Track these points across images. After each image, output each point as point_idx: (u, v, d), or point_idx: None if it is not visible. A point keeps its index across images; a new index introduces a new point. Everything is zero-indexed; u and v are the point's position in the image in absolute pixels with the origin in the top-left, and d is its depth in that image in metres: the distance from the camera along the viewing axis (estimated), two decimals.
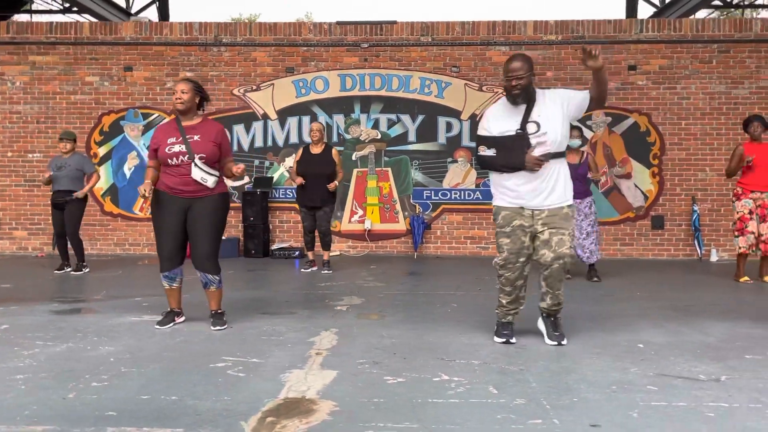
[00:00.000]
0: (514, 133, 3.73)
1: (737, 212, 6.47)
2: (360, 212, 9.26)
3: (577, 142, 6.55)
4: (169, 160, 4.03)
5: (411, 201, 9.19)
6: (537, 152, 3.70)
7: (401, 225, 9.23)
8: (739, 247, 6.44)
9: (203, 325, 4.23)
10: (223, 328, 4.15)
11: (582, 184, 6.49)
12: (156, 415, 2.61)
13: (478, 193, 9.07)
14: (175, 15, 27.27)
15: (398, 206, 9.24)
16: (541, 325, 3.94)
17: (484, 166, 3.97)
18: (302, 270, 7.24)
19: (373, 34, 9.16)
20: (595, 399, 2.84)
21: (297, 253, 8.71)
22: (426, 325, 4.35)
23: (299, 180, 6.94)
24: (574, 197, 6.39)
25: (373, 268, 7.70)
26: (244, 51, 9.21)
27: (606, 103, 4.88)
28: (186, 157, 4.00)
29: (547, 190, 3.75)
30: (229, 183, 8.90)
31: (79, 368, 3.25)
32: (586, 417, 2.61)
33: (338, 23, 9.23)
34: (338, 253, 9.16)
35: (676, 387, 3.00)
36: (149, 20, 9.62)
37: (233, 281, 6.49)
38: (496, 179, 3.88)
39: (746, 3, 13.78)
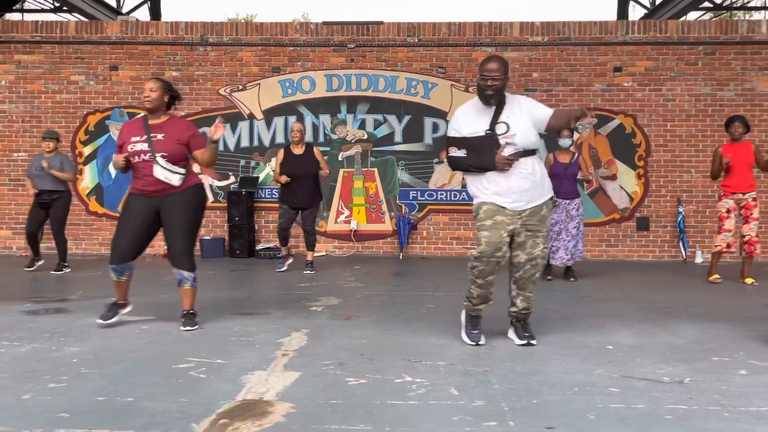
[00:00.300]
0: (483, 133, 3.73)
1: (717, 210, 6.56)
2: (346, 212, 9.25)
3: (568, 141, 6.56)
4: (132, 158, 4.03)
5: (397, 201, 9.18)
6: (506, 152, 3.69)
7: (387, 225, 9.21)
8: (715, 245, 6.50)
9: (173, 326, 4.21)
10: (193, 328, 4.13)
11: (572, 184, 6.47)
12: (109, 416, 2.59)
13: (464, 193, 9.05)
14: (169, 14, 27.21)
15: (384, 206, 9.23)
16: (511, 333, 3.92)
17: (455, 167, 3.99)
18: (278, 270, 7.16)
19: (359, 34, 9.14)
20: (555, 401, 2.83)
21: (280, 253, 8.68)
22: (399, 326, 4.34)
23: (284, 178, 6.89)
24: (564, 197, 6.43)
25: (357, 268, 7.68)
26: (230, 51, 9.19)
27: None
28: (148, 156, 3.98)
29: (521, 192, 3.73)
30: (215, 182, 8.91)
31: (41, 369, 3.23)
32: (542, 419, 2.60)
33: (324, 23, 9.22)
34: (324, 253, 9.15)
35: (638, 389, 2.99)
36: (136, 19, 9.59)
37: (213, 282, 6.48)
38: (473, 181, 3.85)
39: (736, 5, 13.81)
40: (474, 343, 3.78)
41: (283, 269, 7.17)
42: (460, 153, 3.80)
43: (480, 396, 2.88)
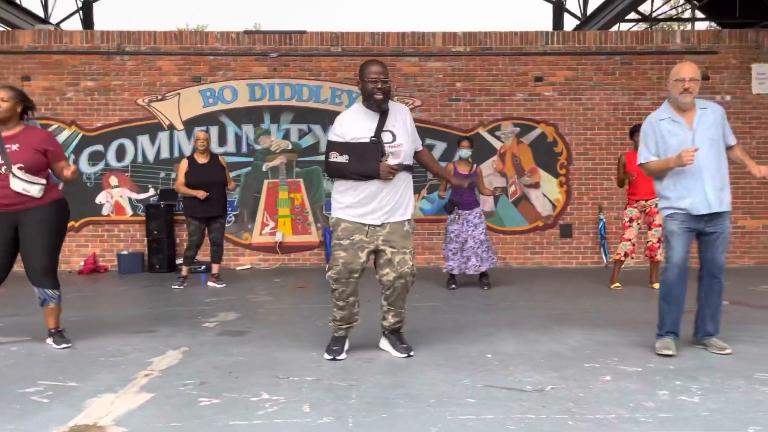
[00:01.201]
0: (368, 140, 3.63)
1: (623, 219, 6.68)
2: (271, 224, 9.10)
3: (467, 152, 6.57)
4: None
5: (324, 212, 9.07)
6: (390, 162, 3.63)
7: (314, 236, 9.10)
8: (616, 254, 6.67)
9: (44, 347, 4.00)
10: (68, 345, 3.95)
11: (471, 195, 6.51)
12: None
13: None
14: (110, 25, 26.63)
15: (311, 217, 9.12)
16: (385, 344, 3.86)
17: (334, 173, 3.73)
18: (175, 287, 6.81)
19: (282, 43, 9.05)
20: (405, 414, 2.76)
21: (203, 267, 8.48)
22: (284, 340, 4.22)
23: (202, 193, 6.65)
24: (465, 208, 6.46)
25: (276, 281, 7.54)
26: (148, 60, 8.97)
27: None
28: (3, 169, 3.79)
29: (390, 204, 3.66)
30: (134, 195, 8.60)
31: None
32: None
33: (246, 32, 9.10)
34: (249, 266, 8.98)
35: (495, 399, 2.95)
36: (50, 29, 9.28)
37: (115, 299, 6.27)
38: (339, 190, 3.71)
39: (661, 17, 14.23)
40: (332, 358, 3.67)
41: (180, 287, 6.83)
42: (342, 159, 3.63)
43: (331, 413, 2.79)
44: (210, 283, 7.00)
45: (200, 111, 8.98)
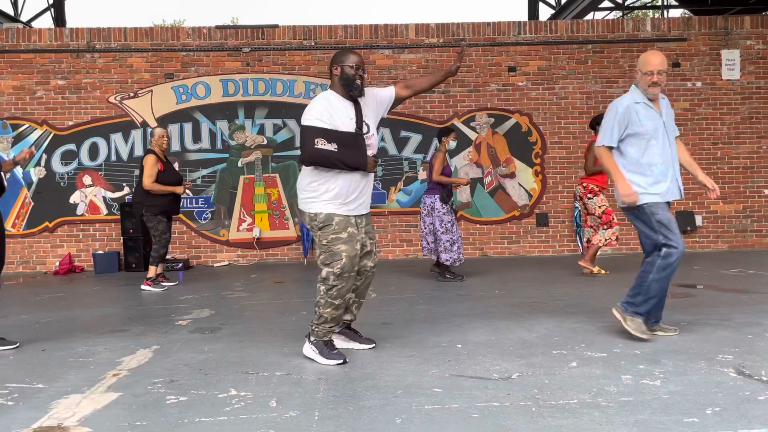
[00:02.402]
0: (353, 131, 3.52)
1: (599, 206, 6.60)
2: (248, 220, 9.07)
3: (454, 143, 6.65)
4: None
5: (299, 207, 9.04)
6: (369, 153, 3.61)
7: (291, 232, 9.09)
8: (605, 239, 6.57)
9: (8, 351, 3.97)
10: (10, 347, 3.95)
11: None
12: None
13: None
14: (77, 21, 26.23)
15: (288, 212, 9.11)
16: (346, 342, 3.81)
17: (319, 161, 3.42)
18: (162, 289, 6.53)
19: (254, 38, 9.00)
20: (371, 406, 2.78)
21: (180, 264, 8.45)
22: (257, 336, 4.23)
23: (181, 188, 6.53)
24: (432, 193, 6.41)
25: (253, 277, 7.53)
26: (119, 57, 8.87)
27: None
28: None
29: (366, 195, 3.67)
30: (108, 194, 8.43)
31: None
32: (347, 427, 2.54)
33: (218, 27, 9.03)
34: (227, 263, 8.95)
35: (461, 388, 2.98)
36: (17, 27, 9.13)
37: (89, 299, 6.22)
38: (318, 181, 3.49)
39: (634, 4, 14.32)
40: (341, 361, 3.47)
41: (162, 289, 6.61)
42: (331, 147, 3.41)
43: (298, 406, 2.80)
44: (164, 284, 6.71)
45: (173, 108, 8.92)
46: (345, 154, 3.46)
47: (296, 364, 3.48)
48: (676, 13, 17.66)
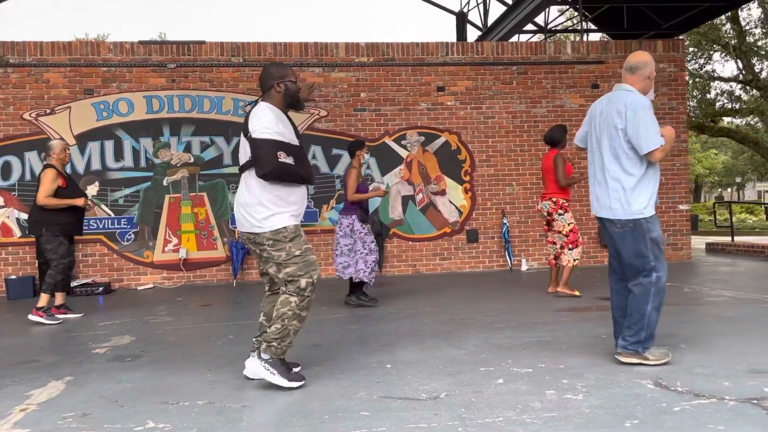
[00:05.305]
0: (298, 144, 3.48)
1: (568, 224, 6.19)
2: (174, 241, 8.77)
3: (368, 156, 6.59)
4: None
5: (230, 226, 8.85)
6: None
7: (220, 252, 8.86)
8: (574, 259, 6.18)
9: None
10: None
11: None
12: None
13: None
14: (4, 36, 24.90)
15: (216, 232, 8.87)
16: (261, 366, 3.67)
17: (283, 175, 3.31)
18: (48, 321, 5.80)
19: (180, 54, 8.78)
20: None
21: (101, 288, 8.06)
22: (179, 363, 4.06)
23: (82, 200, 5.93)
24: (349, 214, 6.19)
25: (179, 300, 7.27)
26: (35, 72, 8.46)
27: None
28: None
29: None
30: (22, 215, 7.84)
31: None
32: None
33: (141, 42, 8.76)
34: (151, 285, 8.61)
35: (389, 410, 2.95)
36: None
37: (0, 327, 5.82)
38: (280, 195, 3.36)
39: (558, 28, 14.93)
40: (303, 383, 3.35)
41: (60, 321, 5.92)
42: (289, 160, 3.31)
43: None
44: (60, 316, 6.02)
45: (94, 125, 8.56)
46: (300, 167, 3.41)
47: (220, 392, 3.36)
48: (595, 36, 18.56)
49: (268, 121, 3.32)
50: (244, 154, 3.43)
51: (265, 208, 3.36)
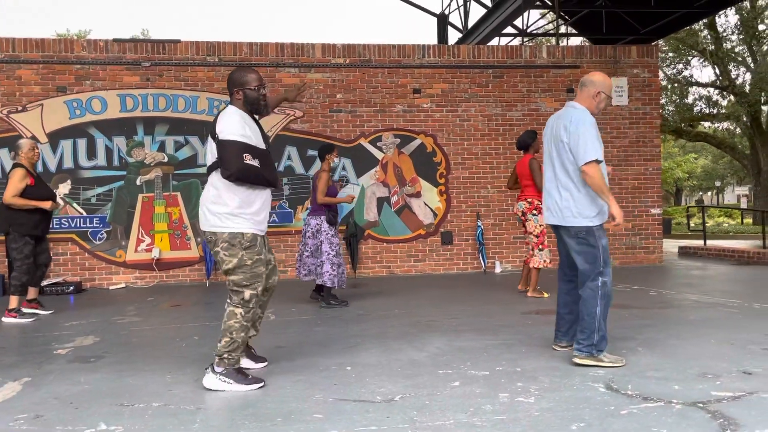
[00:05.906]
0: (265, 148, 3.52)
1: (540, 225, 6.33)
2: (147, 240, 8.72)
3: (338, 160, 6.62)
4: None
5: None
6: None
7: (194, 252, 8.82)
8: (544, 261, 6.32)
9: None
10: None
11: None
12: None
13: (274, 215, 8.90)
14: None
15: (190, 232, 8.83)
16: (246, 362, 3.77)
17: (250, 178, 3.35)
18: (22, 320, 5.83)
19: (155, 53, 8.73)
20: None
21: (72, 287, 7.98)
22: (140, 365, 4.04)
23: (50, 203, 5.93)
24: (317, 215, 6.20)
25: (150, 300, 7.22)
26: (6, 68, 8.36)
27: None
28: None
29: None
30: None
31: None
32: None
33: (115, 40, 8.70)
34: (123, 285, 8.56)
35: (342, 413, 2.97)
36: None
37: None
38: (244, 199, 3.38)
39: (537, 31, 15.05)
40: (262, 384, 3.41)
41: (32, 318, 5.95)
42: (255, 163, 3.34)
43: None
44: (28, 310, 6.03)
45: (66, 123, 8.48)
46: (266, 170, 3.44)
47: (176, 394, 3.35)
48: (576, 41, 18.70)
49: (235, 123, 3.36)
50: (212, 155, 3.47)
51: (227, 208, 3.38)
